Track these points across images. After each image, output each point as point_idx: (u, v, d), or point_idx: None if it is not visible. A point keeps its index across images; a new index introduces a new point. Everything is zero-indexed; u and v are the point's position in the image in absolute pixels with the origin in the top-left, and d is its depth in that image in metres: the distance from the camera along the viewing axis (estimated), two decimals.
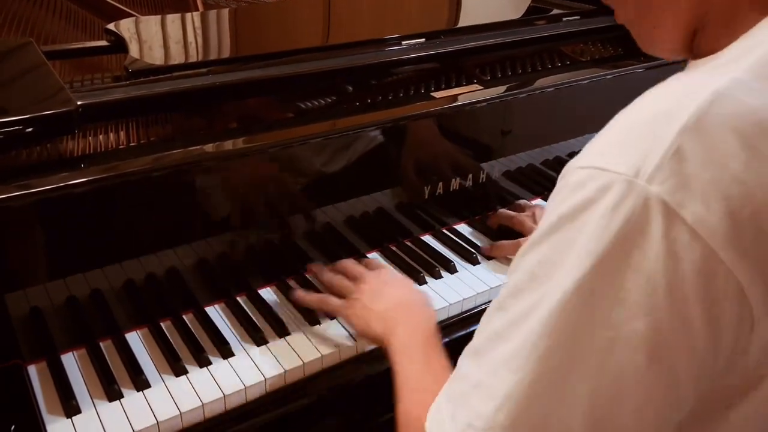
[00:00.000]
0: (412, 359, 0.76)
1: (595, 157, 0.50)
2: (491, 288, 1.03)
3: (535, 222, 1.10)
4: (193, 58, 1.01)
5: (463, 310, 1.01)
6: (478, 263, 1.07)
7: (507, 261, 1.09)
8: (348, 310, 0.89)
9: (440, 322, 0.98)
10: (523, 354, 0.50)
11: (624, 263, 0.47)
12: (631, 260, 0.47)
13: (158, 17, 1.10)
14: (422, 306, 0.88)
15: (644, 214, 0.46)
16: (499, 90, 1.10)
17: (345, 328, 0.93)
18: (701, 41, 0.57)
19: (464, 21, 1.30)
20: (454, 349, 0.97)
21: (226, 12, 1.22)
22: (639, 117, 0.51)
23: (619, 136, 0.50)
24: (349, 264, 0.97)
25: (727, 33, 0.54)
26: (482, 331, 0.57)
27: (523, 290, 0.52)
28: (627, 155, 0.48)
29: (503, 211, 1.16)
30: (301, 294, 0.94)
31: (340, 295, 0.91)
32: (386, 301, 0.87)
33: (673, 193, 0.46)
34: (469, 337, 0.98)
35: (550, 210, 0.52)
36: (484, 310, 0.98)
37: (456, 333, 0.98)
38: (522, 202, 1.22)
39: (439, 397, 0.59)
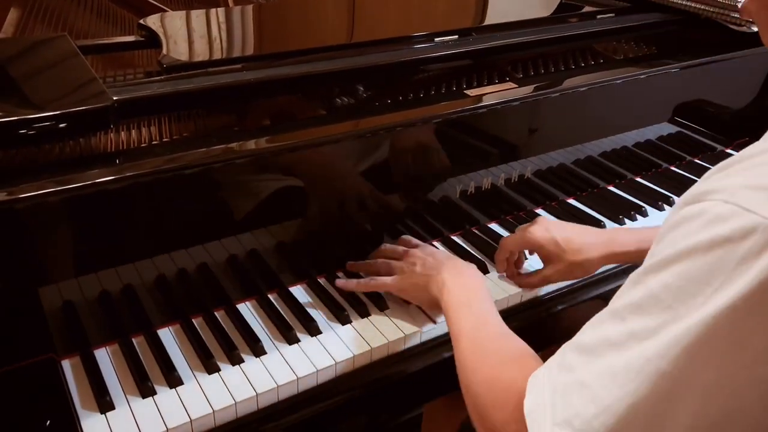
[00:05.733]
0: (484, 320, 0.79)
1: (741, 193, 0.48)
2: (509, 295, 1.01)
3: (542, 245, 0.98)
4: (226, 54, 1.01)
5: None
6: None
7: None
8: (404, 281, 0.92)
9: None
10: (633, 372, 0.50)
11: (761, 309, 0.46)
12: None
13: (189, 12, 1.10)
14: (473, 270, 0.91)
15: None
16: (533, 89, 1.08)
17: (378, 329, 0.92)
18: None
19: (493, 18, 1.28)
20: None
21: (256, 8, 1.21)
22: None
23: None
24: (389, 246, 1.00)
25: None
26: (593, 330, 0.56)
27: (644, 308, 0.52)
28: None
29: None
30: (341, 282, 0.97)
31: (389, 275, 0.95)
32: (440, 265, 0.89)
33: None
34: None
35: (676, 234, 0.51)
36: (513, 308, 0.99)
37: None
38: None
39: (541, 378, 0.59)
